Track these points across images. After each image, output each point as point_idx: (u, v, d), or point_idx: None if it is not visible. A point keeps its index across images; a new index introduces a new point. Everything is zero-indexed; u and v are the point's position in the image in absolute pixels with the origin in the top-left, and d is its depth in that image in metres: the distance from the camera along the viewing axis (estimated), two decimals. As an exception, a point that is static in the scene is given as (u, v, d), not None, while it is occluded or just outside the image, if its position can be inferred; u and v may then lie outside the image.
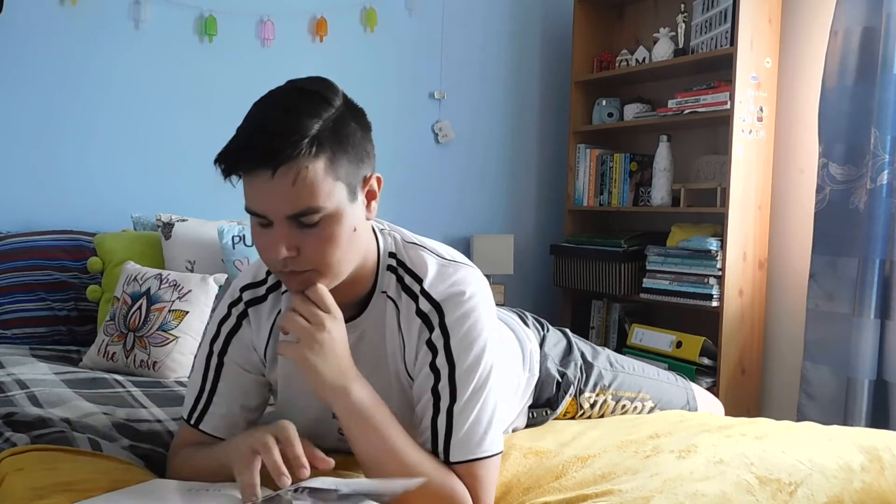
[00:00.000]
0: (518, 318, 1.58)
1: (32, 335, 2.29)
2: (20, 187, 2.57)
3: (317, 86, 1.00)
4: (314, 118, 0.95)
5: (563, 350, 1.60)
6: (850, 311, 2.47)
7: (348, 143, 0.99)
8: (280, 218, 0.96)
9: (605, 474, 1.17)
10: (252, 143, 0.94)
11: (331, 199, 0.97)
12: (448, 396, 1.05)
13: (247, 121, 0.98)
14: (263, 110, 0.97)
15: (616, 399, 1.61)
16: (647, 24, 3.33)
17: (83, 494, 0.98)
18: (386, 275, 1.12)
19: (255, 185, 0.95)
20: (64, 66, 2.61)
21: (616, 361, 1.65)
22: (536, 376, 1.50)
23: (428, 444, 1.06)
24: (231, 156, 0.95)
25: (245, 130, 0.96)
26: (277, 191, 0.94)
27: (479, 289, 1.10)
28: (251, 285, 1.17)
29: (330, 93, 1.00)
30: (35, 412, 1.43)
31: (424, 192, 3.28)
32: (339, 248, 1.00)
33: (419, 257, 1.12)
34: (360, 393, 1.03)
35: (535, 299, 3.56)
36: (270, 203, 0.96)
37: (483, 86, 3.41)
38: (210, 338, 1.18)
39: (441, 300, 1.07)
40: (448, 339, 1.06)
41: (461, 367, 1.05)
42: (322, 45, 3.03)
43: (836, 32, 2.51)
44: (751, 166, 2.77)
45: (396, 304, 1.11)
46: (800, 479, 1.17)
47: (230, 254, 2.24)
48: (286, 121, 0.94)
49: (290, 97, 0.98)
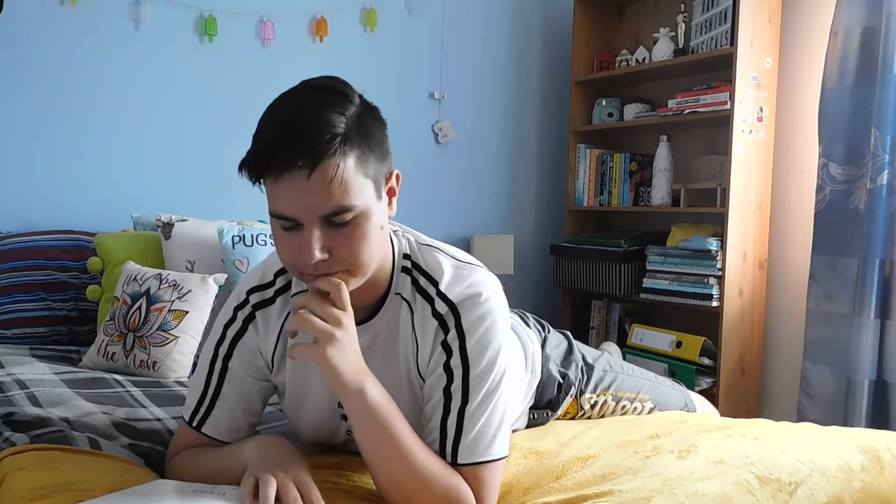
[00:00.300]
0: (519, 319, 1.58)
1: (32, 335, 2.29)
2: (20, 187, 2.57)
3: (335, 83, 0.99)
4: (340, 115, 0.94)
5: (564, 351, 1.60)
6: (850, 311, 2.47)
7: (372, 139, 0.98)
8: (313, 219, 0.94)
9: (605, 474, 1.17)
10: (287, 143, 0.91)
11: (362, 197, 0.96)
12: (460, 398, 1.04)
13: (268, 123, 0.95)
14: (285, 111, 0.95)
15: (616, 399, 1.61)
16: (647, 24, 3.33)
17: (84, 494, 0.98)
18: (401, 276, 1.11)
19: (290, 186, 0.92)
20: (64, 66, 2.61)
21: (615, 363, 1.66)
22: (538, 377, 1.50)
23: (436, 444, 1.05)
24: (263, 158, 0.92)
25: (271, 132, 0.93)
26: (314, 190, 0.92)
27: (494, 292, 1.10)
28: (258, 288, 1.15)
29: (349, 90, 0.99)
30: (35, 412, 1.43)
31: (424, 192, 3.28)
32: (370, 246, 0.99)
33: (434, 259, 1.12)
34: (375, 392, 1.02)
35: (535, 299, 3.56)
36: (305, 204, 0.93)
37: (483, 86, 3.41)
38: (215, 341, 1.16)
39: (458, 302, 1.07)
40: (464, 340, 1.05)
41: (476, 369, 1.05)
42: (322, 45, 3.03)
43: (836, 32, 2.51)
44: (751, 166, 2.77)
45: (411, 306, 1.10)
46: (800, 478, 1.17)
47: (230, 254, 2.24)
48: (318, 118, 0.92)
49: (314, 95, 0.96)
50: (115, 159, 2.70)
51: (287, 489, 0.94)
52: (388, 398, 1.03)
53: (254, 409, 1.18)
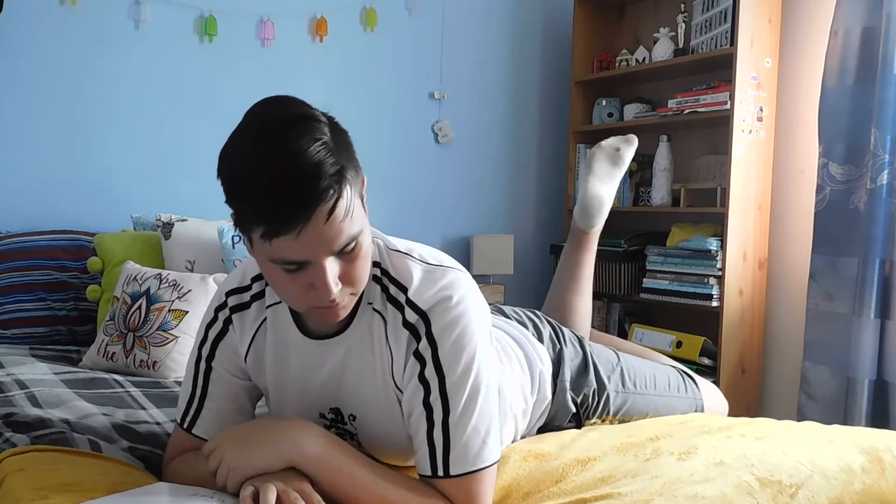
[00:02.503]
0: (532, 332, 1.52)
1: (32, 335, 2.29)
2: (20, 187, 2.57)
3: (298, 109, 0.93)
4: (324, 144, 0.90)
5: (579, 368, 1.52)
6: (850, 310, 2.47)
7: (348, 152, 0.95)
8: (328, 255, 0.92)
9: (605, 477, 1.17)
10: (297, 203, 0.87)
11: (360, 219, 0.95)
12: (441, 409, 1.01)
13: (263, 182, 0.88)
14: (277, 162, 0.88)
15: (622, 423, 1.54)
16: (647, 24, 3.32)
17: (84, 495, 0.98)
18: (371, 286, 1.07)
19: (306, 238, 0.89)
20: (64, 66, 2.61)
21: (629, 378, 1.57)
22: (548, 398, 1.44)
23: (426, 459, 1.02)
24: (275, 222, 0.88)
25: (273, 190, 0.88)
26: (329, 231, 0.90)
27: (467, 292, 1.05)
28: (236, 290, 1.15)
29: (311, 109, 0.94)
30: (35, 413, 1.43)
31: (424, 192, 3.28)
32: (368, 262, 0.99)
33: (403, 265, 1.07)
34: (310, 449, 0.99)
35: (536, 299, 3.55)
36: (320, 246, 0.91)
37: (483, 86, 3.41)
38: (198, 342, 1.16)
39: (427, 308, 1.03)
40: (436, 349, 1.02)
41: (451, 377, 1.01)
42: (322, 45, 3.03)
43: (836, 32, 2.51)
44: (751, 166, 2.77)
45: (383, 316, 1.06)
46: (801, 480, 1.17)
47: (230, 254, 2.24)
48: (310, 161, 0.88)
49: (290, 134, 0.89)
50: (115, 159, 2.70)
51: (287, 494, 0.94)
52: (335, 443, 1.02)
53: (243, 408, 1.17)
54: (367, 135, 1.09)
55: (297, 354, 1.11)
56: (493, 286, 3.26)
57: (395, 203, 3.15)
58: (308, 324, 1.11)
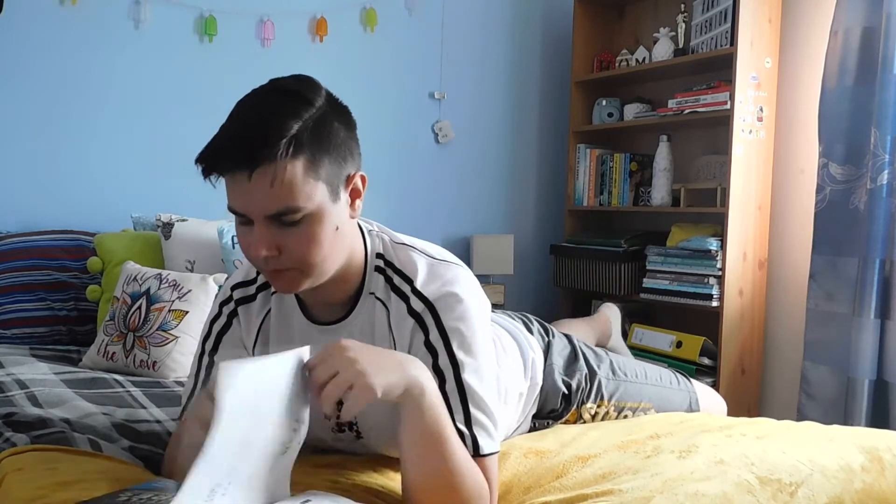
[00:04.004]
0: (522, 325, 1.57)
1: (32, 335, 2.29)
2: (20, 187, 2.57)
3: (298, 85, 1.00)
4: (294, 118, 0.95)
5: (569, 357, 1.58)
6: (850, 311, 2.47)
7: (330, 142, 0.99)
8: (259, 217, 0.97)
9: (605, 474, 1.17)
10: (229, 145, 0.95)
11: (311, 200, 0.97)
12: (459, 400, 1.04)
13: (227, 122, 0.98)
14: (243, 111, 0.98)
15: (618, 409, 1.59)
16: (647, 24, 3.33)
17: (84, 494, 0.98)
18: (374, 276, 1.12)
19: (235, 185, 0.97)
20: (64, 66, 2.61)
21: (619, 368, 1.63)
22: (539, 385, 1.49)
23: None
24: (209, 157, 0.96)
25: (224, 132, 0.97)
26: (256, 191, 0.95)
27: (471, 288, 1.11)
28: (242, 284, 1.18)
29: (311, 92, 1.00)
30: (35, 412, 1.43)
31: (424, 192, 3.28)
32: (321, 248, 1.00)
33: (408, 258, 1.12)
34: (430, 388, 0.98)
35: (535, 299, 3.56)
36: (249, 203, 0.97)
37: (483, 86, 3.41)
38: (202, 338, 1.19)
39: (434, 299, 1.07)
40: (448, 340, 1.06)
41: (465, 367, 1.05)
42: (322, 45, 3.03)
43: (836, 32, 2.51)
44: (751, 166, 2.77)
45: (386, 305, 1.10)
46: (800, 479, 1.17)
47: (230, 254, 2.24)
48: (264, 122, 0.95)
49: (270, 98, 0.98)
50: (115, 159, 2.70)
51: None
52: (438, 395, 1.00)
53: None
54: (368, 135, 1.09)
55: (302, 340, 1.12)
56: (492, 286, 3.26)
57: (395, 203, 3.15)
58: (311, 310, 1.14)
